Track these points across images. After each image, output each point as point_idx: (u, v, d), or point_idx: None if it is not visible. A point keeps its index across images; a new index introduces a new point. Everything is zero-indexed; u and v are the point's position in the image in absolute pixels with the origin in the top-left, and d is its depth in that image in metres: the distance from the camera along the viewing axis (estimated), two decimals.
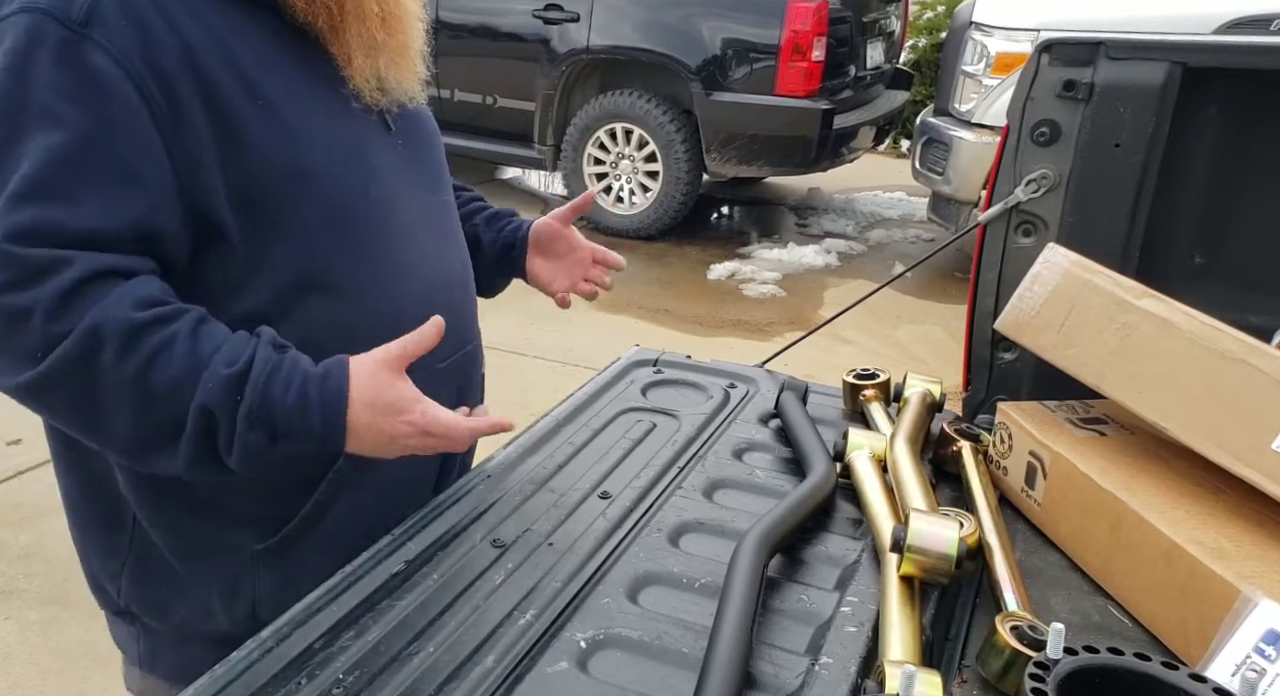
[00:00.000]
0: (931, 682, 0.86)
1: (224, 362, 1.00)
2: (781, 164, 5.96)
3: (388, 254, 1.16)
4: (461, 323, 1.26)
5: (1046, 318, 1.29)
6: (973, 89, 5.09)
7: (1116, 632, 1.06)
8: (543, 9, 5.94)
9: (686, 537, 1.17)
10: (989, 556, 1.13)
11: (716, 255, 5.88)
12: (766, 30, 5.56)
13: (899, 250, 6.22)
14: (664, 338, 4.67)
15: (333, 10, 1.10)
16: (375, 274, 1.15)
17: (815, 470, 1.25)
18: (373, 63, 1.13)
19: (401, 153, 1.21)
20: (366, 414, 1.04)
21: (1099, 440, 1.24)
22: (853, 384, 1.52)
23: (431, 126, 1.32)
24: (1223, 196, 1.53)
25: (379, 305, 1.15)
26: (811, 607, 1.04)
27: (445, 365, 1.23)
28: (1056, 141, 1.47)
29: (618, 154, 6.06)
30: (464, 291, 1.31)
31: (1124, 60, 1.42)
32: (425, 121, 1.30)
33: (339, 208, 1.12)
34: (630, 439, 1.39)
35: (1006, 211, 1.52)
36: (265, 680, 0.91)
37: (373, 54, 1.13)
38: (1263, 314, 1.40)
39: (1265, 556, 1.00)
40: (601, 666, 0.95)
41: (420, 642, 0.96)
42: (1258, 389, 1.05)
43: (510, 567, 1.08)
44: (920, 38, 8.26)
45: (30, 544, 3.09)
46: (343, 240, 1.12)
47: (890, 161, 7.88)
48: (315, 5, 1.09)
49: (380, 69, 1.14)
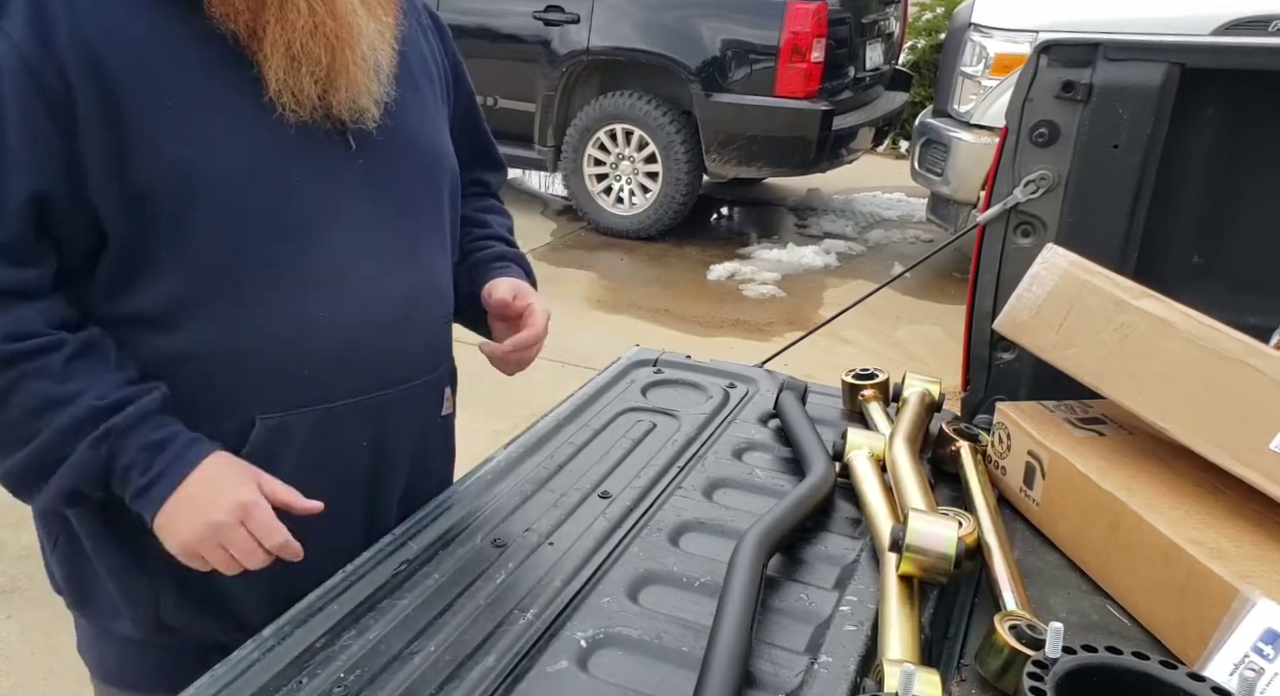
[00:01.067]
0: (930, 681, 0.86)
1: (96, 396, 1.03)
2: (781, 165, 5.96)
3: (298, 276, 1.10)
4: (387, 360, 1.19)
5: (1045, 318, 1.29)
6: (971, 90, 5.09)
7: (1115, 632, 1.07)
8: (543, 10, 5.95)
9: (686, 537, 1.17)
10: (988, 556, 1.13)
11: (716, 255, 5.88)
12: (766, 31, 5.56)
13: (898, 250, 6.22)
14: (664, 338, 4.67)
15: (251, 16, 1.04)
16: (279, 295, 1.10)
17: (814, 470, 1.25)
18: (297, 74, 1.06)
19: (359, 173, 1.14)
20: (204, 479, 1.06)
21: (1097, 440, 1.24)
22: (852, 384, 1.52)
23: (419, 152, 1.23)
24: (1221, 197, 1.53)
25: (278, 329, 1.10)
26: (811, 606, 1.05)
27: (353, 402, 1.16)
28: (1055, 142, 1.47)
29: (618, 155, 6.06)
30: (401, 329, 1.20)
31: (1122, 61, 1.42)
32: (411, 146, 1.21)
33: (240, 219, 1.07)
34: (630, 439, 1.39)
35: (1005, 212, 1.52)
36: (266, 679, 0.91)
37: (297, 65, 1.06)
38: (1261, 314, 1.40)
39: (1264, 556, 1.00)
40: (601, 666, 0.95)
41: (421, 642, 0.96)
42: (1256, 389, 1.05)
43: (510, 567, 1.08)
44: (919, 39, 8.26)
45: (31, 544, 3.08)
46: (242, 254, 1.07)
47: (889, 162, 7.88)
48: (232, 9, 1.04)
49: (308, 82, 1.07)
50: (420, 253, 1.23)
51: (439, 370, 1.29)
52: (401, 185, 1.20)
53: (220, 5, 1.04)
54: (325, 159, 1.12)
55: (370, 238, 1.15)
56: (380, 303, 1.17)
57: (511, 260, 1.42)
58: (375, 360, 1.17)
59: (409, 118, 1.20)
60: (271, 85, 1.06)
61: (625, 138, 6.01)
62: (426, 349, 1.26)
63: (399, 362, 1.21)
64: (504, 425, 3.22)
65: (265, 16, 1.04)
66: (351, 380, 1.15)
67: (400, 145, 1.18)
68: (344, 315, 1.14)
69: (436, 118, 1.29)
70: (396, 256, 1.19)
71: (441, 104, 1.32)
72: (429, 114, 1.26)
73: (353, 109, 1.11)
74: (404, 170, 1.20)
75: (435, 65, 1.31)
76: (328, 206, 1.12)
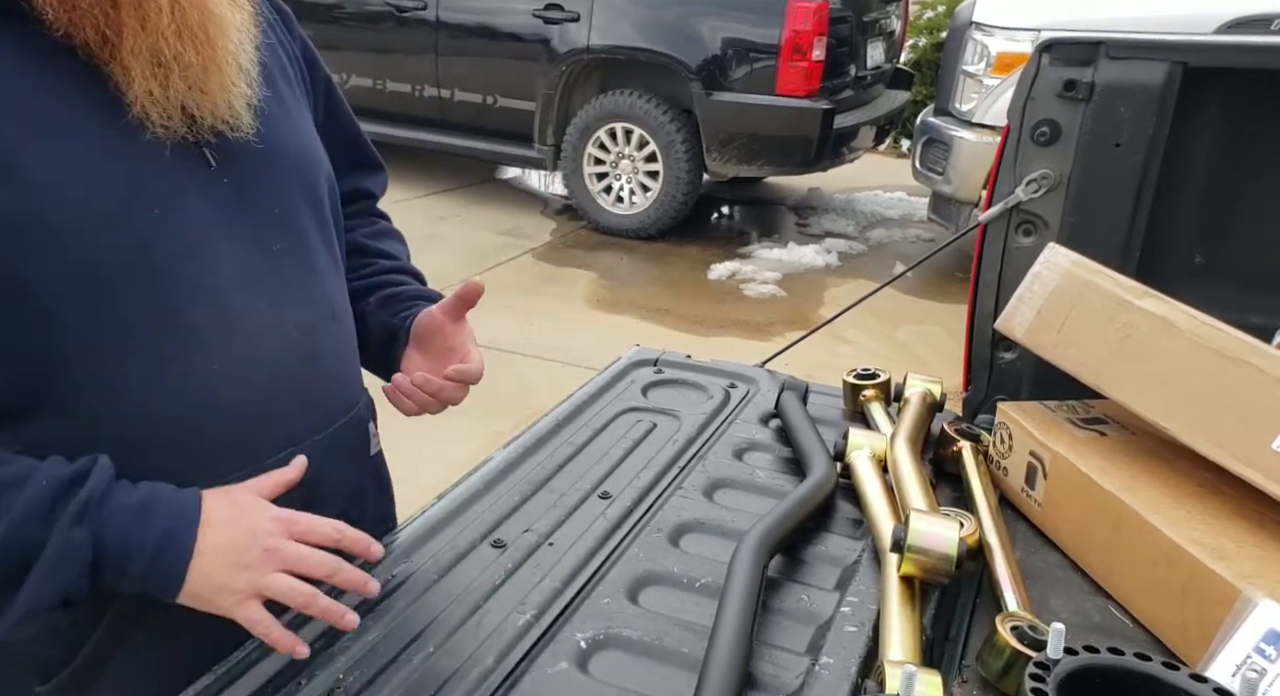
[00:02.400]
0: (932, 682, 0.86)
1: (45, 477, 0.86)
2: (782, 164, 5.95)
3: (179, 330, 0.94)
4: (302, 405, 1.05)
5: (1047, 317, 1.29)
6: (973, 89, 5.09)
7: (1117, 633, 1.06)
8: (543, 9, 5.94)
9: (687, 537, 1.17)
10: (989, 556, 1.13)
11: (717, 255, 5.88)
12: (767, 30, 5.56)
13: (899, 250, 6.22)
14: (664, 337, 4.67)
15: (104, 19, 0.86)
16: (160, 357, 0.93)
17: (815, 470, 1.25)
18: (164, 83, 0.89)
19: (225, 193, 0.98)
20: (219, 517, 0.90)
21: (1099, 440, 1.23)
22: (853, 384, 1.52)
23: (288, 159, 1.06)
24: (1223, 196, 1.53)
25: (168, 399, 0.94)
26: (812, 607, 1.04)
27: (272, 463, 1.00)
28: (1057, 141, 1.47)
29: (618, 154, 6.06)
30: (310, 366, 1.06)
31: (1124, 60, 1.42)
32: (278, 154, 1.04)
33: (95, 272, 0.88)
34: (630, 439, 1.38)
35: (1007, 211, 1.52)
36: (265, 680, 0.91)
37: (163, 72, 0.89)
38: (1263, 314, 1.39)
39: (1266, 557, 1.00)
40: (601, 666, 0.95)
41: (420, 642, 0.96)
42: (1258, 389, 1.05)
43: (510, 567, 1.08)
44: (920, 37, 8.26)
45: None
46: (106, 315, 0.89)
47: (890, 161, 7.87)
48: (77, 15, 0.85)
49: (177, 90, 0.90)
50: (312, 275, 1.07)
51: (358, 406, 1.16)
52: (277, 201, 1.04)
53: (59, 11, 0.85)
54: (186, 185, 0.94)
55: (254, 268, 0.99)
56: (282, 343, 1.02)
57: (430, 301, 1.23)
58: (290, 411, 1.03)
59: (271, 123, 1.03)
60: (135, 100, 0.89)
61: (625, 136, 6.01)
62: (340, 383, 1.12)
63: (315, 407, 1.07)
64: (504, 425, 3.22)
65: (119, 18, 0.87)
66: (267, 441, 1.01)
67: (266, 155, 1.01)
68: (245, 369, 0.98)
69: (300, 118, 1.12)
70: (287, 284, 1.03)
71: (302, 102, 1.15)
72: (291, 116, 1.10)
73: (227, 115, 0.95)
74: (275, 183, 1.04)
75: (289, 60, 1.15)
76: (199, 239, 0.95)
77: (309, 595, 0.90)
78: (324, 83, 1.24)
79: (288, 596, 0.90)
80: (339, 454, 1.11)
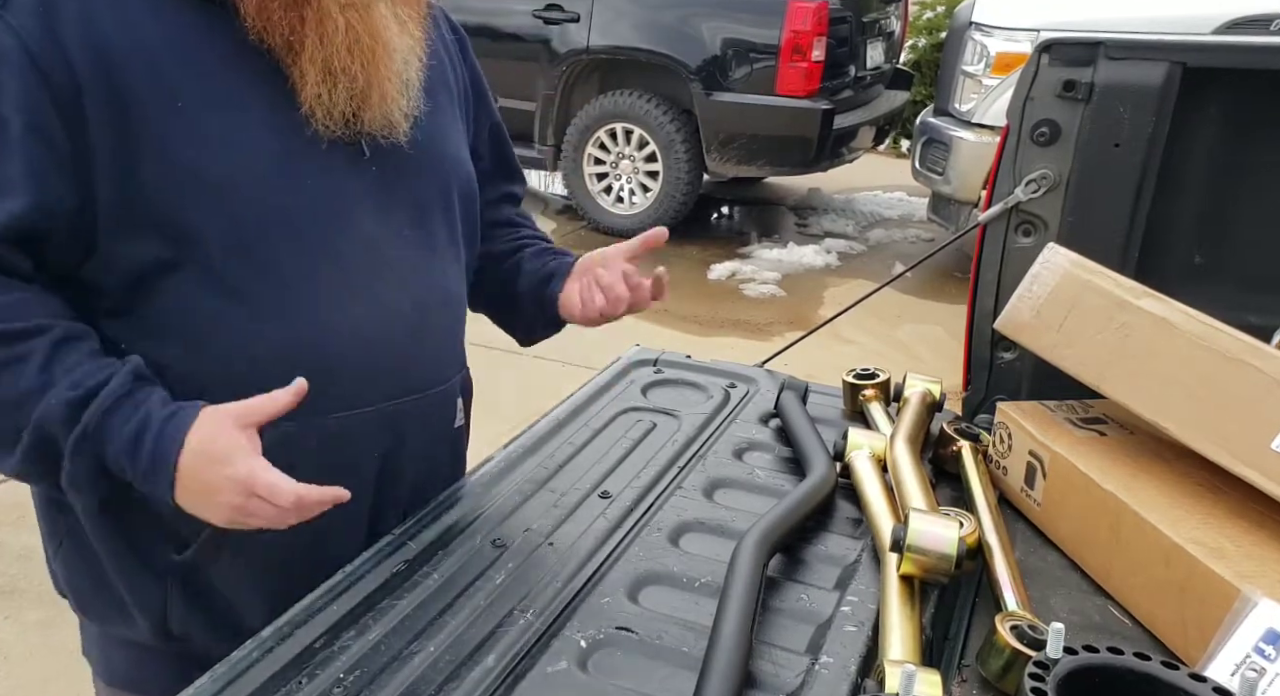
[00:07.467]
0: (931, 682, 0.86)
1: (70, 385, 0.99)
2: (781, 164, 5.96)
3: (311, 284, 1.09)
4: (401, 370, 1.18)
5: (1046, 317, 1.29)
6: (973, 89, 5.09)
7: (1116, 632, 1.06)
8: (543, 9, 5.94)
9: (686, 537, 1.17)
10: (989, 556, 1.13)
11: (716, 255, 5.88)
12: (767, 30, 5.56)
13: (899, 250, 6.22)
14: (664, 337, 4.67)
15: (290, 31, 1.04)
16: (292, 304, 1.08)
17: (815, 470, 1.25)
18: (332, 90, 1.06)
19: (369, 180, 1.14)
20: (195, 461, 0.99)
21: (1099, 440, 1.24)
22: (853, 383, 1.52)
23: (432, 160, 1.22)
24: (1222, 196, 1.53)
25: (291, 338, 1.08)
26: (811, 607, 1.04)
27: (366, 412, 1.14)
28: (1056, 141, 1.47)
29: (618, 154, 6.06)
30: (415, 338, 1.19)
31: (1124, 60, 1.42)
32: (424, 155, 1.19)
33: (249, 226, 1.05)
34: (630, 439, 1.39)
35: (1006, 211, 1.52)
36: (265, 679, 0.91)
37: (332, 80, 1.06)
38: (1262, 314, 1.39)
39: (1265, 556, 1.00)
40: (601, 666, 0.95)
41: (420, 642, 0.96)
42: (1258, 389, 1.05)
43: (510, 567, 1.08)
44: (920, 38, 8.26)
45: (30, 544, 3.08)
46: (253, 262, 1.06)
47: (890, 161, 7.88)
48: (271, 23, 1.03)
49: (342, 97, 1.07)
50: (434, 262, 1.22)
51: (451, 381, 1.27)
52: (414, 195, 1.19)
53: (257, 18, 1.03)
54: (339, 167, 1.11)
55: (384, 246, 1.15)
56: (395, 312, 1.16)
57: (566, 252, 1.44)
58: (390, 370, 1.16)
59: (425, 130, 1.19)
60: (306, 100, 1.06)
61: (625, 137, 6.01)
62: (440, 359, 1.25)
63: (413, 373, 1.20)
64: (504, 425, 3.21)
65: (303, 32, 1.04)
66: (366, 390, 1.14)
67: (413, 156, 1.17)
68: (358, 324, 1.12)
69: (452, 129, 1.28)
70: (410, 266, 1.18)
71: (458, 116, 1.31)
72: (444, 125, 1.26)
73: (384, 124, 1.11)
74: (417, 179, 1.19)
75: (455, 78, 1.32)
76: (340, 214, 1.11)
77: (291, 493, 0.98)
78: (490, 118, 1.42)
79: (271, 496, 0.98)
80: (422, 420, 1.23)
